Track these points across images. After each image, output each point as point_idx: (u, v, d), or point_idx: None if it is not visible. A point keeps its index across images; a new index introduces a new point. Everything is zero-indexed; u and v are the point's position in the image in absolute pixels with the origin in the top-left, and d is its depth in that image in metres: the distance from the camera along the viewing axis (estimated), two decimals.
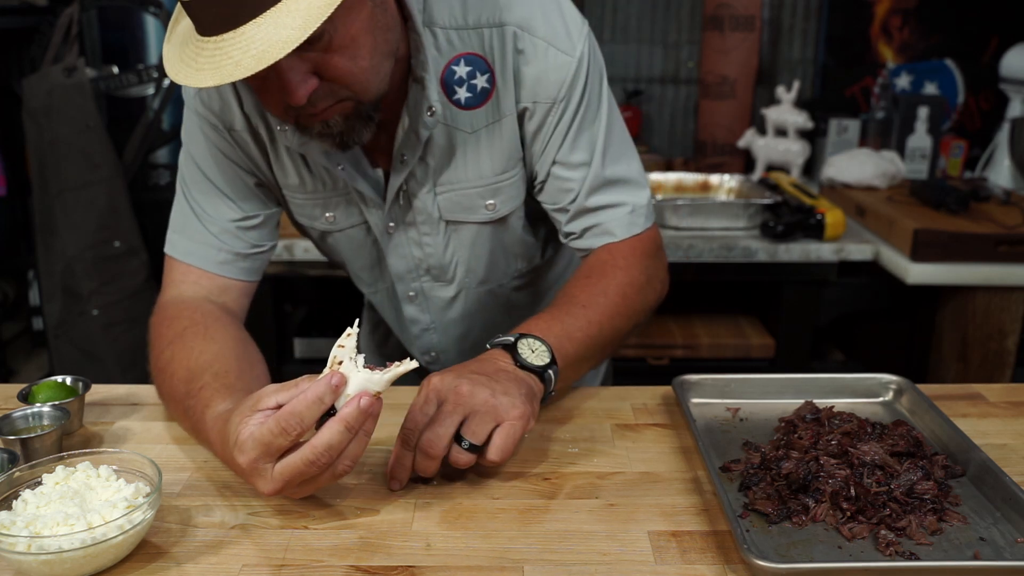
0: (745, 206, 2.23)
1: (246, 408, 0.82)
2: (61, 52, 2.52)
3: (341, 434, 0.77)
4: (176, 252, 1.13)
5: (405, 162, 1.09)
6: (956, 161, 2.73)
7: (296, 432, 0.77)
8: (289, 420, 0.77)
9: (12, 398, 1.04)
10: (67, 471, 0.83)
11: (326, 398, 0.77)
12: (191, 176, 1.13)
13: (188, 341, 1.01)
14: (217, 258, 1.12)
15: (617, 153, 1.13)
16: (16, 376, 3.02)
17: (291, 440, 0.78)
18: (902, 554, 0.77)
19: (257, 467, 0.79)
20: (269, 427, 0.77)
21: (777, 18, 2.89)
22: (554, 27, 1.06)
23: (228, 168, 1.11)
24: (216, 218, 1.12)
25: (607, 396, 1.11)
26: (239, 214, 1.13)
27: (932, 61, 2.90)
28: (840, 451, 0.90)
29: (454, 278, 1.22)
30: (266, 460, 0.79)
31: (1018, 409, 1.09)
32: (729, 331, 2.42)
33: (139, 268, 2.62)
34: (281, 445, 0.78)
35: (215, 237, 1.12)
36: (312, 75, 0.89)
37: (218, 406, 0.90)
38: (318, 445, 0.77)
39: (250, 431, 0.79)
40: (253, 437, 0.78)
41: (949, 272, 2.03)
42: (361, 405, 0.77)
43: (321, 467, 0.78)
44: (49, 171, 2.50)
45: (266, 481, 0.80)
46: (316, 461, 0.77)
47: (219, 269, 1.12)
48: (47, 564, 0.74)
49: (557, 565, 0.78)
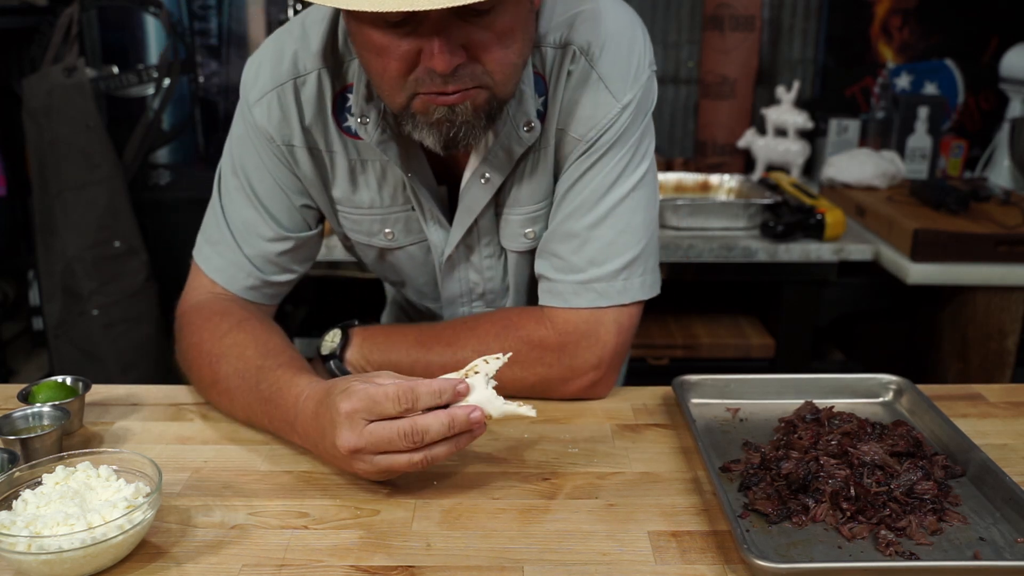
0: (745, 206, 2.23)
1: (358, 377, 0.86)
2: (61, 52, 2.52)
3: (441, 426, 0.81)
4: (207, 267, 1.12)
5: (488, 181, 1.04)
6: (956, 161, 2.73)
7: (405, 406, 0.81)
8: (405, 393, 0.81)
9: (12, 398, 1.04)
10: (67, 471, 0.83)
11: (445, 395, 0.82)
12: (234, 188, 1.10)
13: (249, 329, 1.04)
14: (246, 283, 1.12)
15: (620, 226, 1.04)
16: (16, 376, 3.02)
17: (397, 410, 0.81)
18: (902, 554, 0.77)
19: (354, 418, 0.82)
20: (384, 390, 0.82)
21: (777, 18, 2.89)
22: (615, 64, 1.00)
23: (274, 186, 1.09)
24: (252, 240, 1.10)
25: (607, 396, 1.11)
26: (277, 234, 1.10)
27: (932, 61, 2.90)
28: (840, 451, 0.90)
29: (505, 302, 1.19)
30: (366, 415, 0.82)
31: (1018, 409, 1.09)
32: (729, 331, 2.42)
33: (139, 268, 2.61)
34: (386, 410, 0.82)
35: (248, 261, 1.10)
36: (463, 48, 0.86)
37: (312, 378, 0.94)
38: (418, 424, 0.81)
39: (365, 386, 0.83)
40: (367, 391, 0.82)
41: (949, 272, 2.03)
42: (472, 416, 0.82)
43: (408, 445, 0.81)
44: (49, 171, 2.50)
45: (354, 433, 0.82)
46: (408, 437, 0.81)
47: (245, 294, 1.12)
48: (47, 564, 0.74)
49: (557, 565, 0.78)
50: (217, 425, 1.04)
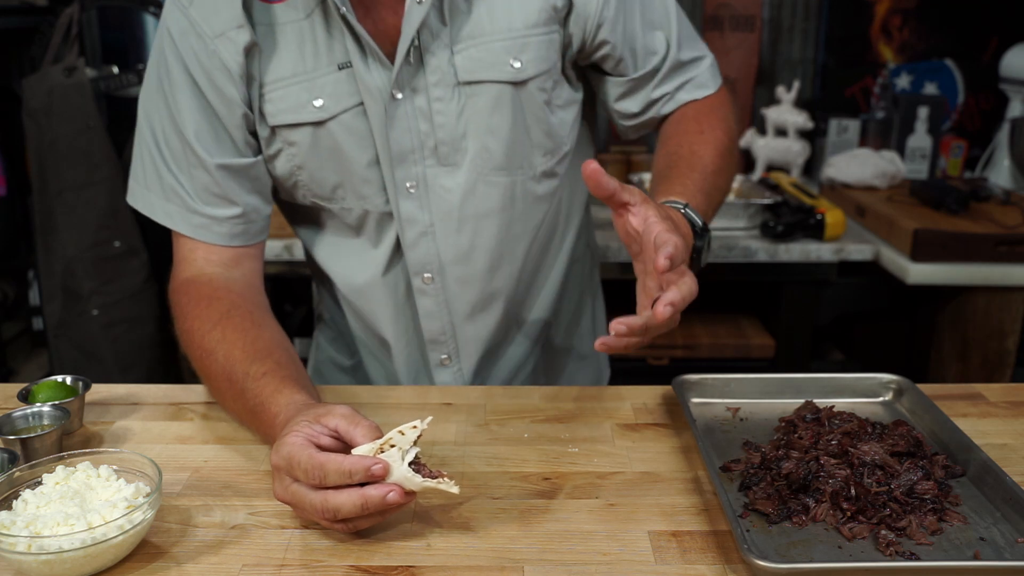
0: (745, 206, 2.23)
1: (312, 414, 0.84)
2: (61, 52, 2.52)
3: (354, 506, 0.78)
4: (171, 222, 1.08)
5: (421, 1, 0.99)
6: (956, 161, 2.73)
7: (313, 482, 0.79)
8: (314, 469, 0.78)
9: (12, 398, 1.04)
10: (67, 471, 0.83)
11: (356, 477, 0.78)
12: (164, 131, 1.06)
13: (237, 323, 1.01)
14: (234, 230, 1.08)
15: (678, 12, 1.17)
16: (16, 376, 3.02)
17: (308, 482, 0.79)
18: (902, 554, 0.77)
19: (279, 472, 0.82)
20: (299, 457, 0.79)
21: (777, 18, 2.89)
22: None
23: (204, 106, 1.04)
24: (197, 187, 1.06)
25: (607, 396, 1.11)
26: (214, 159, 1.05)
27: (932, 61, 2.90)
28: (840, 451, 0.90)
29: (464, 159, 1.08)
30: (287, 473, 0.81)
31: (1018, 409, 1.09)
32: (729, 331, 2.42)
33: (139, 268, 2.62)
34: (298, 477, 0.80)
35: (200, 211, 1.07)
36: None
37: (293, 394, 0.92)
38: (329, 503, 0.78)
39: (291, 442, 0.81)
40: (290, 451, 0.80)
41: (949, 272, 2.03)
42: (388, 499, 0.78)
43: (319, 517, 0.80)
44: (49, 171, 2.50)
45: (280, 486, 0.82)
46: (319, 512, 0.79)
47: (220, 240, 1.08)
48: (47, 564, 0.74)
49: (557, 565, 0.78)
50: (217, 425, 1.04)
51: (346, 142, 1.07)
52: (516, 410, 1.07)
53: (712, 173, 1.09)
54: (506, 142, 1.08)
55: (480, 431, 1.02)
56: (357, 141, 1.07)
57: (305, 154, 1.08)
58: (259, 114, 1.06)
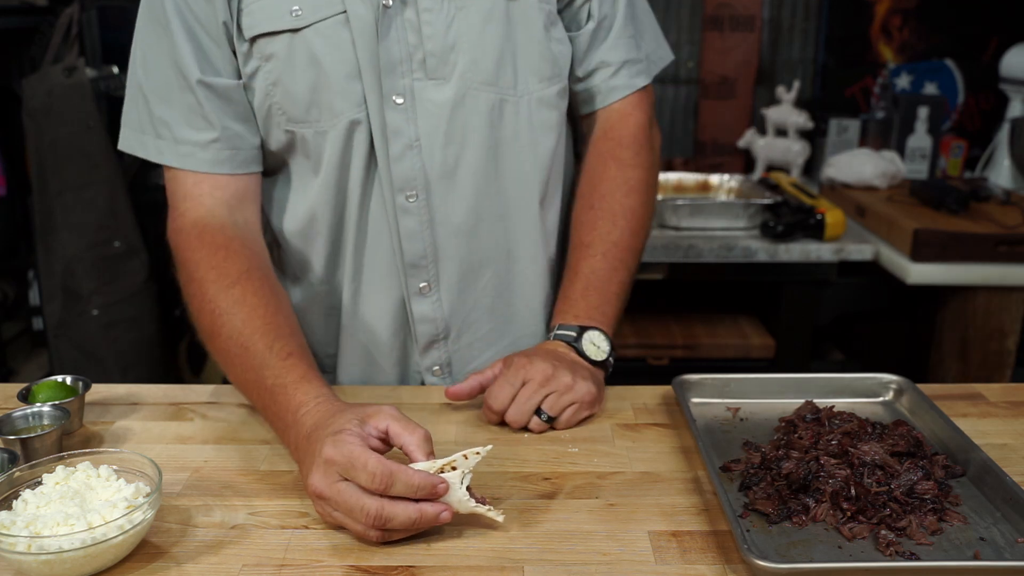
0: (745, 206, 2.23)
1: (361, 413, 0.86)
2: (61, 52, 2.52)
3: (407, 520, 0.79)
4: (160, 157, 1.08)
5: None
6: (956, 161, 2.73)
7: (378, 488, 0.79)
8: (382, 477, 0.78)
9: (12, 398, 1.04)
10: (67, 471, 0.83)
11: (421, 493, 0.79)
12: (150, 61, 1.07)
13: (257, 286, 1.02)
14: (219, 156, 1.07)
15: None
16: (16, 376, 3.02)
17: (370, 486, 0.79)
18: (902, 554, 0.77)
19: (330, 468, 0.81)
20: (366, 459, 0.79)
21: (777, 18, 2.89)
22: None
23: (189, 26, 1.04)
24: (183, 111, 1.06)
25: (607, 396, 1.11)
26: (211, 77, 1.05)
27: (932, 61, 2.90)
28: (840, 451, 0.90)
29: (453, 73, 1.06)
30: (341, 471, 0.80)
31: (1018, 409, 1.09)
32: (729, 331, 2.42)
33: (139, 268, 2.62)
34: (359, 479, 0.79)
35: (186, 138, 1.06)
36: None
37: (321, 387, 0.93)
38: (385, 511, 0.79)
39: (351, 441, 0.81)
40: (351, 450, 0.80)
41: (949, 272, 2.03)
42: (441, 517, 0.80)
43: (366, 521, 0.79)
44: (49, 171, 2.50)
45: (325, 482, 0.81)
46: (371, 518, 0.79)
47: (206, 167, 1.07)
48: (47, 564, 0.74)
49: (557, 565, 0.78)
50: (217, 425, 1.04)
51: (324, 52, 1.04)
52: None
53: (602, 256, 1.14)
54: (495, 57, 1.07)
55: (480, 431, 1.02)
56: (335, 52, 1.04)
57: (281, 68, 1.06)
58: (237, 29, 1.05)
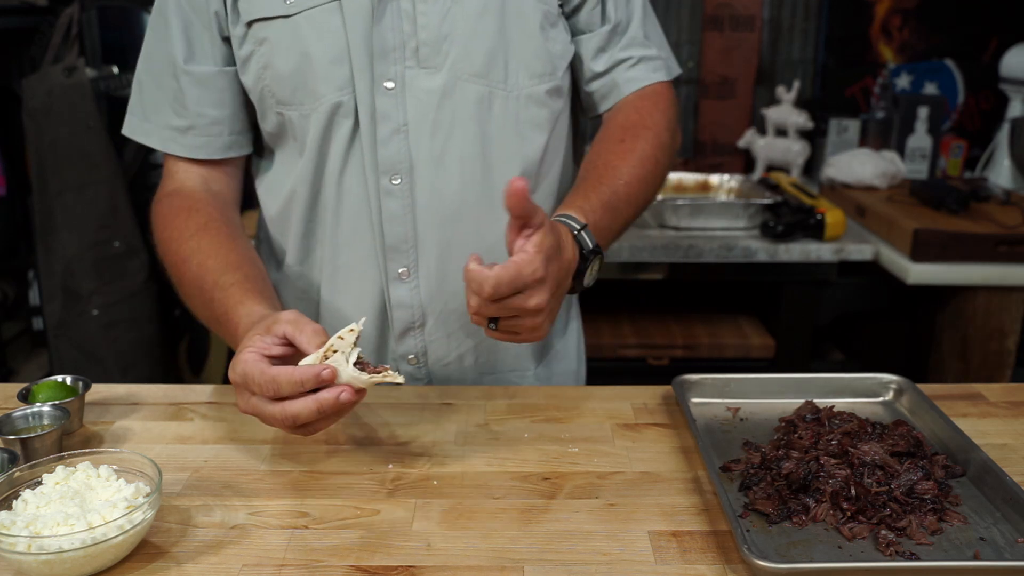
0: (745, 206, 2.23)
1: (263, 325, 0.90)
2: (61, 52, 2.52)
3: (311, 412, 0.84)
4: (147, 139, 1.16)
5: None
6: (956, 161, 2.73)
7: (269, 395, 0.85)
8: (268, 384, 0.84)
9: (12, 398, 1.04)
10: (67, 471, 0.83)
11: (307, 385, 0.84)
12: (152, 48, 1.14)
13: (213, 235, 1.08)
14: (196, 142, 1.14)
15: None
16: (16, 376, 3.02)
17: (265, 394, 0.85)
18: (902, 554, 0.77)
19: (239, 387, 0.88)
20: (253, 373, 0.85)
21: (777, 18, 2.89)
22: None
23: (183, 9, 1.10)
24: (168, 98, 1.13)
25: (607, 396, 1.11)
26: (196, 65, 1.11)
27: (932, 61, 2.90)
28: (840, 451, 0.90)
29: (444, 63, 1.07)
30: (244, 387, 0.87)
31: (1018, 409, 1.09)
32: (729, 331, 2.42)
33: (139, 268, 2.62)
34: (254, 390, 0.86)
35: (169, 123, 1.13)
36: None
37: (253, 306, 0.98)
38: (288, 411, 0.85)
39: (245, 359, 0.87)
40: (244, 367, 0.86)
41: (949, 272, 2.03)
42: (341, 398, 0.84)
43: (280, 425, 0.86)
44: (49, 171, 2.50)
45: (241, 399, 0.89)
46: (280, 421, 0.86)
47: (184, 151, 1.14)
48: (47, 564, 0.74)
49: (557, 565, 0.78)
50: (217, 425, 1.04)
51: (311, 38, 1.06)
52: (516, 410, 1.07)
53: (625, 185, 1.10)
54: (486, 50, 1.07)
55: (480, 431, 1.02)
56: (323, 38, 1.06)
57: (271, 52, 1.08)
58: (236, 13, 1.09)
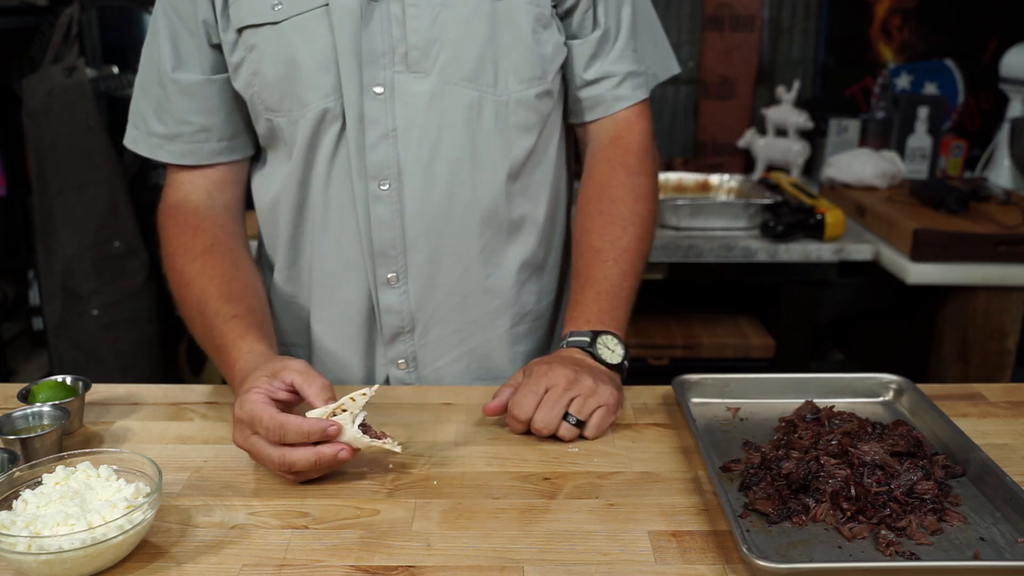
0: (745, 206, 2.23)
1: (270, 369, 0.93)
2: (61, 52, 2.52)
3: (308, 463, 0.87)
4: (135, 147, 1.17)
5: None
6: (956, 161, 2.73)
7: (274, 440, 0.88)
8: (275, 429, 0.87)
9: (12, 398, 1.04)
10: (67, 471, 0.83)
11: (312, 437, 0.87)
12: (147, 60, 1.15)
13: (219, 259, 1.10)
14: (183, 149, 1.14)
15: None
16: (16, 376, 3.02)
17: (269, 438, 0.88)
18: (902, 554, 0.77)
19: (241, 424, 0.90)
20: (261, 414, 0.88)
21: (777, 18, 2.89)
22: None
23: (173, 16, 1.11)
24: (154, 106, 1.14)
25: None
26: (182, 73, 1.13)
27: (932, 61, 2.90)
28: (840, 451, 0.90)
29: (433, 67, 1.06)
30: (248, 426, 0.90)
31: (1018, 409, 1.09)
32: (729, 331, 2.42)
33: (139, 268, 2.61)
34: (260, 432, 0.89)
35: (155, 131, 1.15)
36: None
37: (254, 343, 1.01)
38: (286, 458, 0.88)
39: (254, 400, 0.89)
40: (253, 407, 0.88)
41: (949, 272, 2.03)
42: (339, 456, 0.88)
43: (273, 467, 0.89)
44: (49, 171, 2.50)
45: (240, 436, 0.91)
46: (277, 466, 0.89)
47: (172, 158, 1.15)
48: (47, 564, 0.74)
49: (557, 565, 0.78)
50: (217, 425, 1.04)
51: (298, 45, 1.06)
52: None
53: (614, 262, 1.13)
54: (476, 54, 1.07)
55: (480, 431, 1.02)
56: (310, 44, 1.06)
57: (261, 59, 1.08)
58: (226, 20, 1.10)
